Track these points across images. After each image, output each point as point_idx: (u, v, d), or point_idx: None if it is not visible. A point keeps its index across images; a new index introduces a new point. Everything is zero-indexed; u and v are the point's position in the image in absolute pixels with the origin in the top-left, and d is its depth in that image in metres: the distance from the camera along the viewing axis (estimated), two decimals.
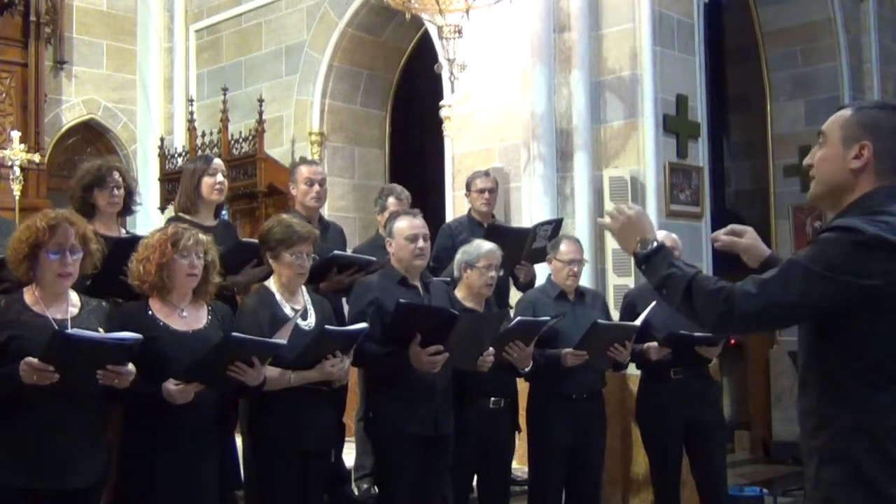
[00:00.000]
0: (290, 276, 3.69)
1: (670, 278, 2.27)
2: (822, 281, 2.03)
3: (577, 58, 6.19)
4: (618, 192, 6.07)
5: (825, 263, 2.04)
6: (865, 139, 2.13)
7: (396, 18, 7.55)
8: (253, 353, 3.20)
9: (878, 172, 2.13)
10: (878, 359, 2.03)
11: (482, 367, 4.06)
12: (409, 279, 4.07)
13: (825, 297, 2.04)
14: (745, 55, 9.07)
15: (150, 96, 9.34)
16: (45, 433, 2.96)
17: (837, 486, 2.05)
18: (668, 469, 4.86)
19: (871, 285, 1.99)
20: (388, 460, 3.99)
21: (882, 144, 2.13)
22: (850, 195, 2.15)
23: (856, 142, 2.14)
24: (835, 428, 2.07)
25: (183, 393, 3.12)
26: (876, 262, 2.00)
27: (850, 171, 2.15)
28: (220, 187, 4.38)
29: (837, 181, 2.18)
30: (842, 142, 2.16)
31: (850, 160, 2.14)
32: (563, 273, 4.70)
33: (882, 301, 2.00)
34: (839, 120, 2.19)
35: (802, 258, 2.10)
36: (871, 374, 2.03)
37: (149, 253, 3.29)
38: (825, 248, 2.07)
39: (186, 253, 3.28)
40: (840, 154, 2.16)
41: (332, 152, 8.17)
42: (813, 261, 2.06)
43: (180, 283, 3.30)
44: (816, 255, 2.07)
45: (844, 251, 2.03)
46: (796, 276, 2.07)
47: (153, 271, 3.26)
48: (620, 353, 4.53)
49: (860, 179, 2.14)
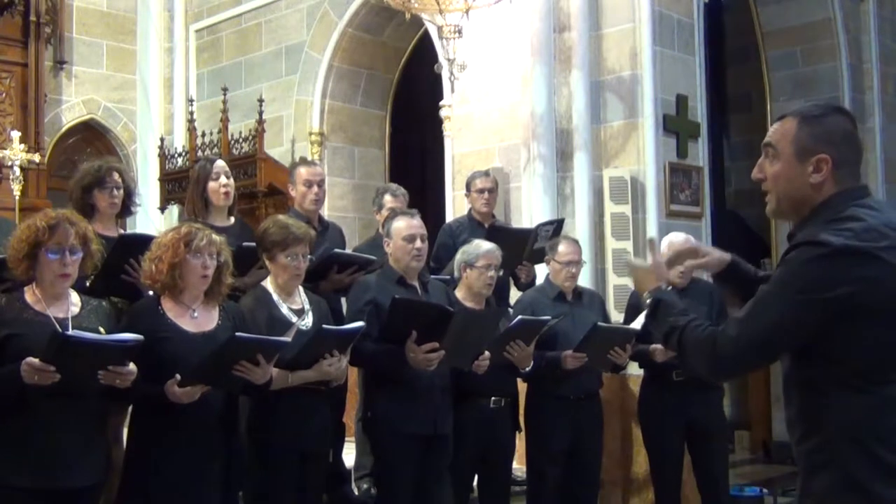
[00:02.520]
0: (286, 277, 3.69)
1: (670, 335, 2.29)
2: (795, 306, 2.02)
3: (577, 58, 6.19)
4: (618, 192, 6.07)
5: (796, 286, 2.02)
6: (822, 152, 2.09)
7: (396, 18, 7.55)
8: (258, 351, 3.19)
9: (837, 180, 2.11)
10: (859, 363, 2.01)
11: (478, 370, 4.06)
12: (407, 279, 4.07)
13: (803, 321, 2.02)
14: (745, 55, 9.07)
15: (150, 96, 9.34)
16: (45, 432, 2.96)
17: (829, 493, 2.03)
18: (669, 469, 4.86)
19: (845, 294, 1.97)
20: (388, 460, 3.99)
21: (838, 153, 2.10)
22: (812, 205, 2.13)
23: (812, 155, 2.10)
24: (821, 435, 2.05)
25: (188, 394, 3.11)
26: (845, 271, 1.98)
27: (811, 185, 2.11)
28: (227, 190, 4.32)
29: (798, 196, 2.14)
30: (796, 156, 2.12)
31: (809, 174, 2.11)
32: (562, 274, 4.70)
33: (859, 308, 1.98)
34: (787, 134, 2.14)
35: (771, 288, 2.08)
36: (854, 378, 2.01)
37: (161, 252, 3.27)
38: (793, 269, 2.05)
39: (199, 253, 3.26)
40: (796, 169, 2.12)
41: (331, 152, 8.17)
42: (783, 287, 2.05)
43: (192, 283, 3.28)
44: (785, 279, 2.05)
45: (812, 268, 2.00)
46: (769, 309, 2.06)
47: (165, 271, 3.24)
48: (620, 356, 4.54)
49: (822, 190, 2.11)
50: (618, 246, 6.06)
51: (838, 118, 2.15)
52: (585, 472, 4.70)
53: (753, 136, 9.06)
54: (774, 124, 2.21)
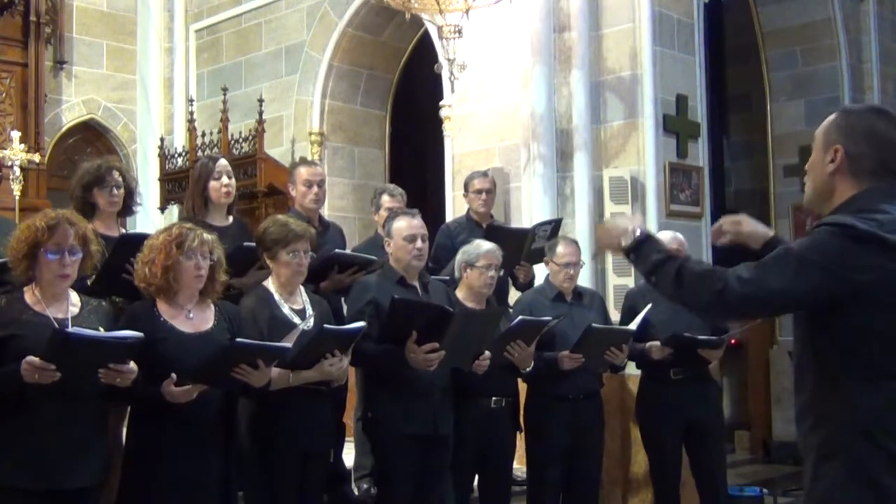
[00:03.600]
0: (289, 274, 3.68)
1: (660, 265, 2.27)
2: (816, 271, 2.04)
3: (577, 58, 6.19)
4: (618, 192, 6.07)
5: (821, 254, 2.05)
6: (838, 143, 2.17)
7: (396, 18, 7.55)
8: (259, 357, 3.19)
9: (853, 174, 2.15)
10: (869, 355, 2.04)
11: (478, 370, 4.06)
12: (408, 279, 4.07)
13: (818, 287, 2.05)
14: (745, 55, 9.07)
15: (150, 96, 9.34)
16: (45, 432, 2.96)
17: (836, 482, 2.05)
18: (668, 469, 4.87)
19: (864, 281, 2.01)
20: (388, 460, 3.99)
21: (854, 147, 2.15)
22: (834, 197, 2.18)
23: (831, 145, 2.18)
24: (830, 425, 2.08)
25: (185, 393, 3.11)
26: (869, 258, 2.01)
27: (828, 174, 2.18)
28: (228, 189, 4.32)
29: (819, 184, 2.22)
30: (823, 146, 2.21)
31: (826, 164, 2.18)
32: (560, 275, 4.70)
33: (873, 298, 2.01)
34: (825, 124, 2.24)
35: (798, 247, 2.11)
36: (864, 370, 2.04)
37: (154, 255, 3.26)
38: (821, 239, 2.08)
39: (192, 254, 3.25)
40: (820, 157, 2.21)
41: (332, 152, 8.17)
42: (809, 250, 2.08)
43: (186, 284, 3.27)
44: (813, 245, 2.08)
45: (839, 244, 2.04)
46: (791, 264, 2.08)
47: (159, 273, 3.23)
48: (617, 356, 4.54)
49: (837, 182, 2.17)
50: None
51: (870, 116, 2.20)
52: (586, 472, 4.70)
53: (753, 136, 9.07)
54: None
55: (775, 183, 8.35)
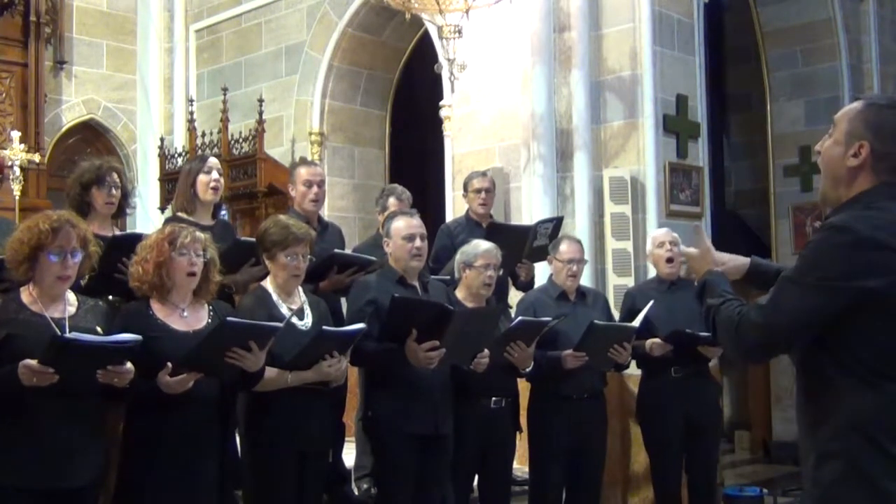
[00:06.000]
0: (286, 277, 3.69)
1: (706, 315, 2.34)
2: (817, 291, 2.04)
3: (577, 58, 6.19)
4: (618, 192, 6.07)
5: (818, 272, 2.05)
6: (865, 138, 2.12)
7: (396, 18, 7.55)
8: (250, 337, 3.17)
9: (876, 171, 2.13)
10: (871, 357, 2.03)
11: (477, 368, 4.06)
12: (407, 279, 4.07)
13: (824, 307, 2.04)
14: (745, 55, 9.07)
15: (150, 96, 9.34)
16: (43, 432, 2.95)
17: (836, 483, 2.05)
18: (669, 468, 4.86)
19: (866, 287, 2.00)
20: (388, 460, 3.99)
21: (882, 146, 2.12)
22: (847, 190, 2.16)
23: (857, 139, 2.14)
24: (830, 426, 2.07)
25: (181, 382, 3.10)
26: (869, 262, 2.00)
27: (847, 168, 2.15)
28: (216, 185, 4.34)
29: (835, 174, 2.19)
30: (845, 136, 2.16)
31: (848, 157, 2.15)
32: (563, 273, 4.70)
33: (877, 301, 2.00)
34: (849, 113, 2.19)
35: (793, 274, 2.11)
36: (864, 372, 2.03)
37: (146, 253, 3.27)
38: (816, 255, 2.08)
39: (185, 251, 3.25)
40: (842, 148, 2.16)
41: (332, 152, 8.16)
42: (804, 273, 2.08)
43: (180, 281, 3.27)
44: (808, 265, 2.08)
45: (835, 255, 2.03)
46: (790, 297, 2.09)
47: (151, 271, 3.24)
48: (620, 354, 4.54)
49: (857, 177, 2.14)
50: (618, 246, 6.06)
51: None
52: (588, 472, 4.69)
53: (753, 136, 9.07)
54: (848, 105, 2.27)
55: (775, 183, 8.35)
